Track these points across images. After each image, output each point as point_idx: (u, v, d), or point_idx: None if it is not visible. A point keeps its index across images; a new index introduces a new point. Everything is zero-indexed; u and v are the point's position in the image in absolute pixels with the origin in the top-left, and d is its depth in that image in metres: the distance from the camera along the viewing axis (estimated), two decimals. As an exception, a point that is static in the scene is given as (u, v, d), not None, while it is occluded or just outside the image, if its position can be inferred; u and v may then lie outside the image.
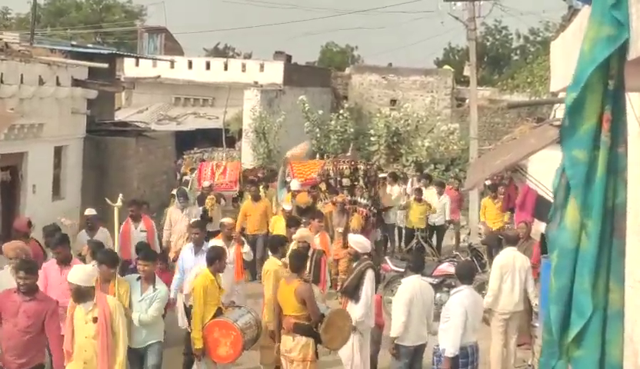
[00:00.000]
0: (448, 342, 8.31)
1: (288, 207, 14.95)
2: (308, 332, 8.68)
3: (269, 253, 10.68)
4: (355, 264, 9.66)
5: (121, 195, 9.40)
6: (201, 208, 16.24)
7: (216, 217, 15.96)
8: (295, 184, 17.03)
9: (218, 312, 9.05)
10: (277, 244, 10.39)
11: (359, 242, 10.04)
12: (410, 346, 8.94)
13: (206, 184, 18.05)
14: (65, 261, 9.42)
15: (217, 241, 10.95)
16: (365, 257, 9.87)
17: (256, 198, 16.50)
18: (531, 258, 12.68)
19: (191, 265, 10.30)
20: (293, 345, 8.68)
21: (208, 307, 8.94)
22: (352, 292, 9.42)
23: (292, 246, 10.59)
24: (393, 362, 9.11)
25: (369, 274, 9.54)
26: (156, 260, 9.57)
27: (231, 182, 19.29)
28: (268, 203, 16.88)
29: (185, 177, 19.91)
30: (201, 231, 11.11)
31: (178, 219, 14.77)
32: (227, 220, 11.92)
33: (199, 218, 14.73)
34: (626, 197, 3.97)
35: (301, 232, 11.06)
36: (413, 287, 9.01)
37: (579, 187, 3.88)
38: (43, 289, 8.49)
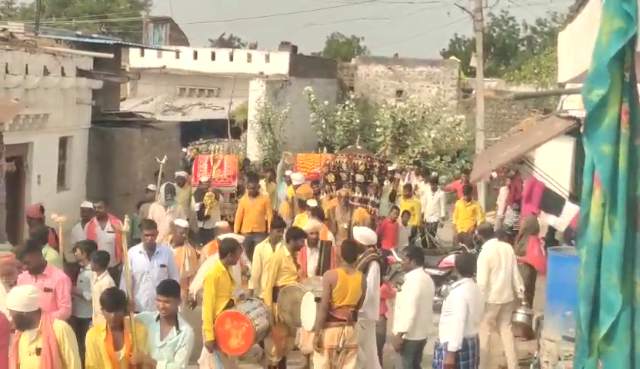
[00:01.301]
0: (451, 336, 8.27)
1: (313, 203, 13.52)
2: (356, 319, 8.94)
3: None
4: (360, 257, 9.65)
5: (127, 218, 8.14)
6: (197, 204, 15.65)
7: (215, 215, 15.48)
8: (297, 177, 16.55)
9: (230, 304, 8.92)
10: (294, 236, 10.11)
11: (364, 235, 9.98)
12: (417, 340, 8.94)
13: (204, 179, 17.08)
14: (36, 270, 8.47)
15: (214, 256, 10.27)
16: (371, 249, 9.85)
17: (254, 194, 15.12)
18: (526, 253, 12.70)
19: (143, 270, 9.68)
20: (353, 334, 8.78)
21: (219, 299, 8.80)
22: None
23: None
24: (399, 358, 9.03)
25: (374, 266, 9.56)
26: (179, 296, 7.44)
27: (230, 177, 18.10)
28: (267, 199, 15.62)
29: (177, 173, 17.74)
30: (156, 232, 10.27)
31: (161, 217, 13.52)
32: (221, 223, 11.55)
33: (186, 216, 14.27)
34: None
35: (313, 223, 11.03)
36: (421, 280, 8.99)
37: (607, 182, 3.87)
38: None
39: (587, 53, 4.58)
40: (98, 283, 9.23)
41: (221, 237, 10.32)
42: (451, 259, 13.76)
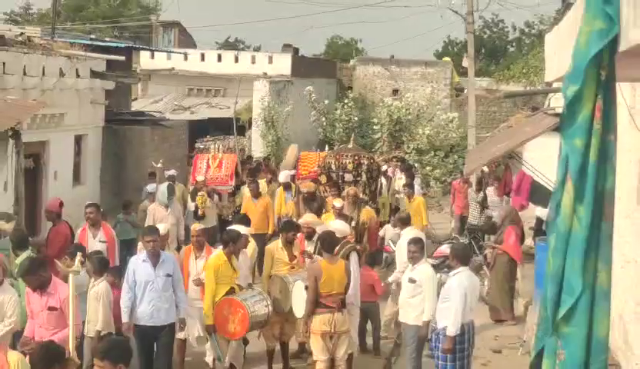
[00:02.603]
0: (450, 322, 8.27)
1: (338, 204, 12.84)
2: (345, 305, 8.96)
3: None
4: (337, 248, 9.66)
5: (79, 257, 7.08)
6: (193, 204, 14.98)
7: (210, 214, 14.91)
8: (282, 176, 15.96)
9: (231, 291, 8.97)
10: (286, 229, 10.13)
11: (338, 228, 10.00)
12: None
13: (200, 178, 16.05)
14: (40, 287, 7.59)
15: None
16: (347, 240, 9.90)
17: (256, 195, 14.54)
18: (503, 243, 12.67)
19: (148, 280, 8.63)
20: (343, 320, 8.83)
21: (220, 286, 8.89)
22: None
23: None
24: (412, 344, 9.08)
25: (354, 257, 9.67)
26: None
27: (227, 176, 17.08)
28: (269, 200, 14.90)
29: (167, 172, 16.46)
30: (158, 238, 8.91)
31: (162, 218, 12.95)
32: (195, 225, 10.49)
33: (185, 216, 13.99)
34: (614, 183, 3.98)
35: (306, 218, 10.96)
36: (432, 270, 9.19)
37: (576, 174, 3.89)
38: (31, 315, 7.60)
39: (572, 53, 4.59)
40: (95, 289, 8.68)
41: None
42: (444, 249, 13.75)
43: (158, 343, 8.75)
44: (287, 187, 15.52)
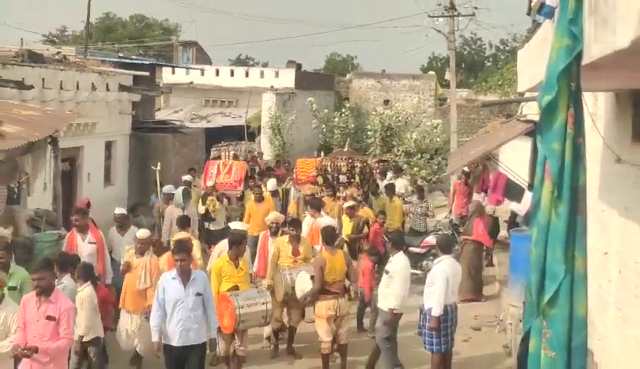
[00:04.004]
0: (434, 303, 8.27)
1: (348, 204, 12.59)
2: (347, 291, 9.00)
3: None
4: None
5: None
6: (203, 207, 14.32)
7: (220, 217, 14.48)
8: (270, 185, 15.23)
9: (234, 289, 8.57)
10: (329, 236, 9.25)
11: (326, 223, 10.06)
12: (398, 313, 8.87)
13: (209, 183, 15.46)
14: (44, 292, 6.51)
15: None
16: (336, 234, 9.87)
17: (259, 199, 13.84)
18: (472, 233, 12.66)
19: (179, 299, 7.38)
20: (345, 304, 8.85)
21: (224, 284, 8.55)
22: None
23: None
24: (382, 331, 8.93)
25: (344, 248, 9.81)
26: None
27: (236, 182, 16.31)
28: (272, 203, 14.12)
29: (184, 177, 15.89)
30: (187, 257, 7.60)
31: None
32: (142, 232, 9.24)
33: (197, 217, 13.56)
34: (586, 181, 3.98)
35: (271, 216, 10.66)
36: (404, 263, 8.95)
37: (556, 174, 3.90)
38: (22, 325, 6.46)
39: (541, 67, 4.59)
40: (79, 294, 7.79)
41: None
42: (430, 239, 13.73)
43: (189, 363, 7.48)
44: (274, 194, 15.00)
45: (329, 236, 9.08)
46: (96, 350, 8.11)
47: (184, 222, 10.83)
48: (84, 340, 7.97)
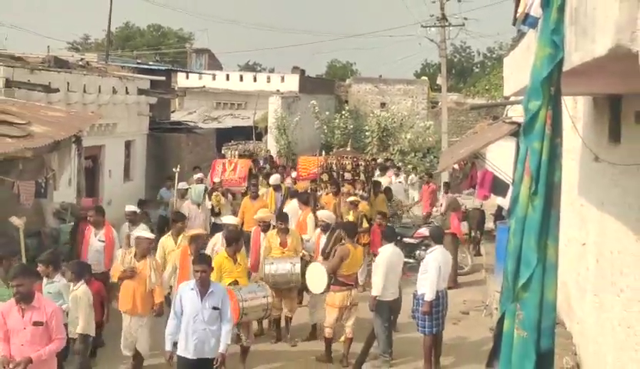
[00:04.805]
0: (427, 289, 8.27)
1: (351, 199, 12.25)
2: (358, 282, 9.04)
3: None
4: (328, 233, 9.53)
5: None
6: (210, 203, 13.80)
7: (225, 212, 13.92)
8: (272, 180, 14.53)
9: (234, 283, 8.31)
10: (352, 230, 9.21)
11: (326, 215, 10.03)
12: (388, 300, 8.67)
13: (216, 179, 15.11)
14: (25, 299, 5.81)
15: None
16: (335, 226, 9.80)
17: (254, 197, 13.10)
18: (449, 227, 12.60)
19: (195, 311, 6.67)
20: (356, 295, 8.82)
21: (224, 279, 8.25)
22: (330, 254, 9.19)
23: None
24: (376, 317, 8.69)
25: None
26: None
27: (240, 179, 15.99)
28: (266, 202, 13.40)
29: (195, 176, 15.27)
30: (208, 268, 6.87)
31: (194, 215, 12.44)
32: (141, 234, 8.49)
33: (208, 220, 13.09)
34: (561, 178, 4.00)
35: (258, 214, 10.32)
36: (390, 254, 8.73)
37: (535, 171, 3.92)
38: (3, 336, 5.81)
39: (525, 73, 4.60)
40: (75, 292, 7.29)
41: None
42: (422, 231, 13.73)
43: None
44: (277, 188, 14.36)
45: (351, 230, 9.01)
46: (83, 348, 7.31)
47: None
48: (70, 335, 7.06)
